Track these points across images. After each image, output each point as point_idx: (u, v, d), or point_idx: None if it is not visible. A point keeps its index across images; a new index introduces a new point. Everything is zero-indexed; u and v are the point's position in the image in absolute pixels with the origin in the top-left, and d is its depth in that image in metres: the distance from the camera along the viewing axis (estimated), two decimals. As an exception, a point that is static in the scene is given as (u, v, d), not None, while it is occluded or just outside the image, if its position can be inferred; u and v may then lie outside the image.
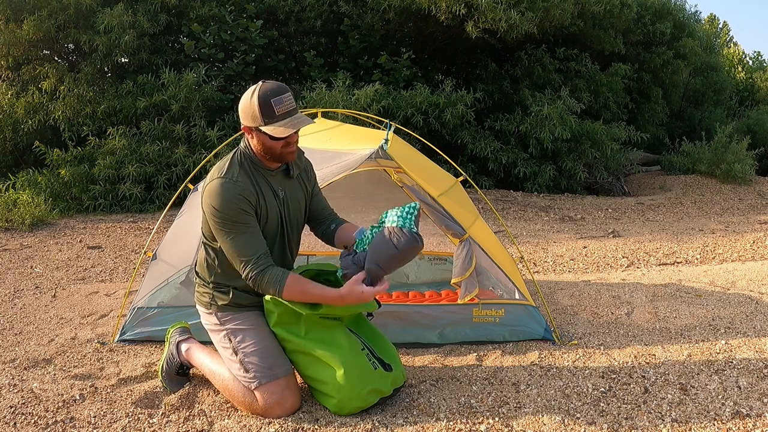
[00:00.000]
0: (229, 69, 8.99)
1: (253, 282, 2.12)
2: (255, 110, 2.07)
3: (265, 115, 2.06)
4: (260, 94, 2.06)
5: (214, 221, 2.11)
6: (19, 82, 8.82)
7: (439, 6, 8.32)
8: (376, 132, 3.20)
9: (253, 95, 2.08)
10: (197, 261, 2.38)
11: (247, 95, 2.11)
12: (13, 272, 4.70)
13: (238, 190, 2.10)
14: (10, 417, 2.21)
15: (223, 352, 2.28)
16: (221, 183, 2.11)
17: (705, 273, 4.35)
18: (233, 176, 2.13)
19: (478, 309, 2.85)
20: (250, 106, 2.08)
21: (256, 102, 2.07)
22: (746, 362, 2.49)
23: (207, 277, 2.30)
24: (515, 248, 4.57)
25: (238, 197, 2.10)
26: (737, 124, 12.76)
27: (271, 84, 2.10)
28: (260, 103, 2.06)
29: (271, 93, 2.07)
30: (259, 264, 2.10)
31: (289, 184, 2.32)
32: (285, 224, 2.29)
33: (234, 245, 2.10)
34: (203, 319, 2.36)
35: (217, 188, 2.10)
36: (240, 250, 2.10)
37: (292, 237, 2.35)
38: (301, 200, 2.37)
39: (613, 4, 9.91)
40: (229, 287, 2.27)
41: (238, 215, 2.10)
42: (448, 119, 8.59)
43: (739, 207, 8.89)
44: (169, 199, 7.53)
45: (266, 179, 2.23)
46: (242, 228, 2.10)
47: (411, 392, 2.37)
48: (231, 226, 2.10)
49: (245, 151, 2.21)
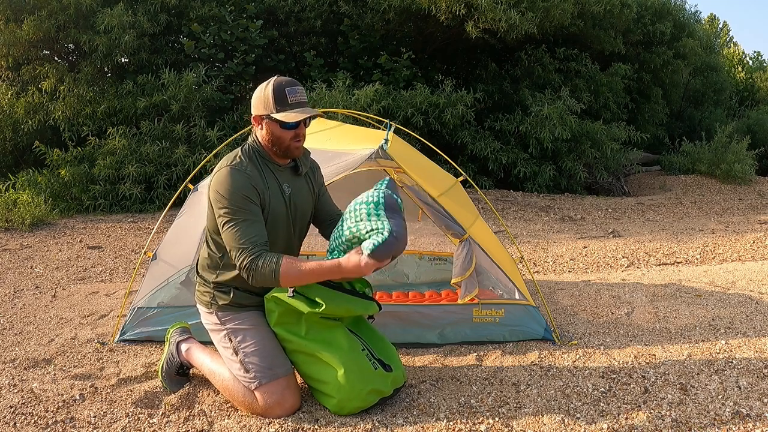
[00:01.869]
0: (229, 69, 8.99)
1: (248, 270, 2.07)
2: (269, 97, 2.15)
3: (277, 102, 2.14)
4: (275, 83, 2.16)
5: (218, 208, 2.13)
6: (19, 82, 8.82)
7: (439, 6, 8.32)
8: (376, 132, 3.20)
9: (268, 85, 2.17)
10: (199, 261, 2.38)
11: (262, 86, 2.19)
12: (13, 272, 4.70)
13: (245, 177, 2.13)
14: (10, 417, 2.21)
15: (224, 351, 2.28)
16: (229, 170, 2.14)
17: (705, 273, 4.35)
18: (242, 165, 2.16)
19: (478, 309, 2.85)
20: (264, 95, 2.17)
21: (270, 89, 2.15)
22: (746, 362, 2.49)
23: (209, 277, 2.30)
24: (515, 248, 4.57)
25: (245, 185, 2.12)
26: (737, 124, 12.76)
27: (286, 77, 2.19)
28: (274, 90, 2.15)
29: (286, 83, 2.16)
30: (255, 251, 2.07)
31: (297, 181, 2.33)
32: (291, 221, 2.29)
33: (234, 232, 2.10)
34: (204, 318, 2.36)
35: (225, 175, 2.13)
36: (239, 236, 2.09)
37: (296, 235, 2.35)
38: (307, 199, 2.37)
39: (613, 4, 9.91)
40: (230, 287, 2.27)
41: (244, 202, 2.11)
42: (448, 119, 8.59)
43: (739, 207, 8.90)
44: (169, 199, 7.53)
45: (274, 174, 2.25)
46: (245, 215, 2.11)
47: (411, 392, 2.37)
48: (235, 213, 2.10)
49: (254, 145, 2.25)
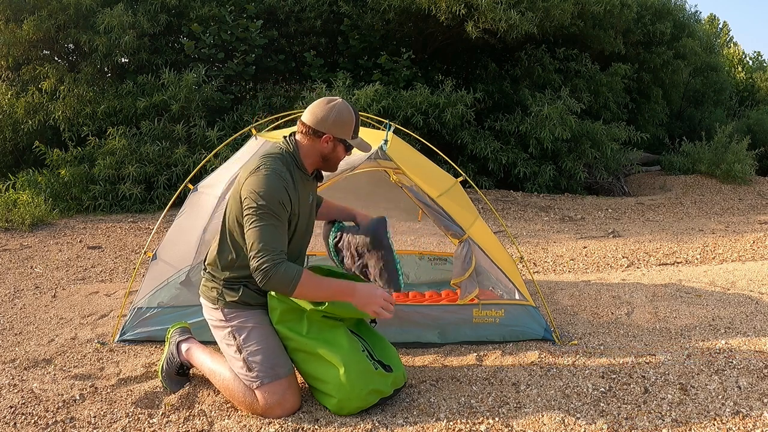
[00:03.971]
0: (229, 69, 8.99)
1: (265, 272, 2.09)
2: (351, 124, 2.28)
3: (355, 130, 2.30)
4: (354, 112, 2.30)
5: (250, 207, 2.14)
6: (19, 82, 8.82)
7: (439, 6, 8.32)
8: (376, 132, 3.20)
9: (351, 112, 2.28)
10: (208, 255, 2.39)
11: (342, 109, 2.26)
12: (13, 272, 4.70)
13: (284, 184, 2.18)
14: (10, 417, 2.21)
15: (227, 349, 2.28)
16: (270, 173, 2.17)
17: (705, 273, 4.35)
18: (282, 172, 2.20)
19: (478, 309, 2.85)
20: (346, 119, 2.26)
21: (353, 117, 2.28)
22: (746, 362, 2.49)
23: (219, 273, 2.31)
24: (515, 248, 4.57)
25: (283, 192, 2.17)
26: (737, 124, 12.76)
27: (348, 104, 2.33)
28: (357, 120, 2.30)
29: (356, 113, 2.31)
30: (278, 256, 2.11)
31: (314, 189, 2.45)
32: (309, 226, 2.40)
33: (261, 233, 2.11)
34: (207, 313, 2.35)
35: (264, 177, 2.16)
36: (265, 239, 2.11)
37: (308, 237, 2.45)
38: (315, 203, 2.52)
39: (613, 4, 9.91)
40: (240, 285, 2.28)
41: (278, 208, 2.14)
42: (448, 119, 8.59)
43: (739, 207, 8.90)
44: (169, 199, 7.53)
45: (303, 183, 2.32)
46: (275, 221, 2.14)
47: (411, 392, 2.37)
48: (266, 215, 2.13)
49: (293, 155, 2.30)
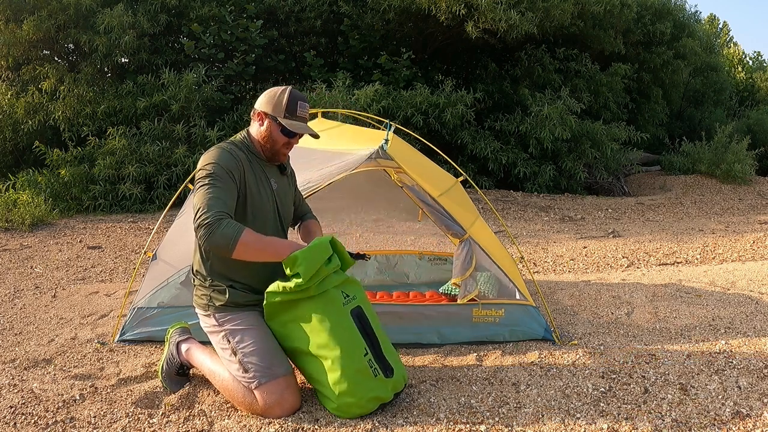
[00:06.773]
0: (229, 69, 8.99)
1: (208, 227, 2.06)
2: (283, 102, 2.27)
3: (289, 109, 2.27)
4: (292, 92, 2.30)
5: (198, 177, 2.20)
6: (19, 82, 8.82)
7: (439, 6, 8.32)
8: (376, 132, 3.20)
9: (285, 90, 2.30)
10: (193, 263, 2.39)
11: (277, 89, 2.32)
12: (13, 272, 4.70)
13: (232, 157, 2.23)
14: (10, 417, 2.21)
15: (222, 353, 2.28)
16: (218, 149, 2.25)
17: (705, 273, 4.35)
18: (231, 150, 2.27)
19: (478, 309, 2.85)
20: (279, 97, 2.28)
21: (286, 96, 2.28)
22: (746, 362, 2.49)
23: (204, 272, 2.31)
24: (515, 248, 4.57)
25: (230, 162, 2.22)
26: (737, 124, 12.77)
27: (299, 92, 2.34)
28: (290, 98, 2.28)
29: (300, 97, 2.32)
30: (222, 213, 2.09)
31: (281, 180, 2.46)
32: (278, 215, 2.41)
33: (204, 193, 2.12)
34: (202, 322, 2.36)
35: (212, 151, 2.25)
36: (208, 198, 2.10)
37: (283, 229, 2.46)
38: (290, 197, 2.51)
39: (613, 4, 9.91)
40: (225, 287, 2.28)
41: (223, 173, 2.18)
42: (448, 119, 8.59)
43: (739, 207, 8.90)
44: (169, 199, 7.53)
45: (261, 167, 2.36)
46: (219, 183, 2.15)
47: (411, 392, 2.37)
48: (210, 179, 2.16)
49: (245, 140, 2.36)
